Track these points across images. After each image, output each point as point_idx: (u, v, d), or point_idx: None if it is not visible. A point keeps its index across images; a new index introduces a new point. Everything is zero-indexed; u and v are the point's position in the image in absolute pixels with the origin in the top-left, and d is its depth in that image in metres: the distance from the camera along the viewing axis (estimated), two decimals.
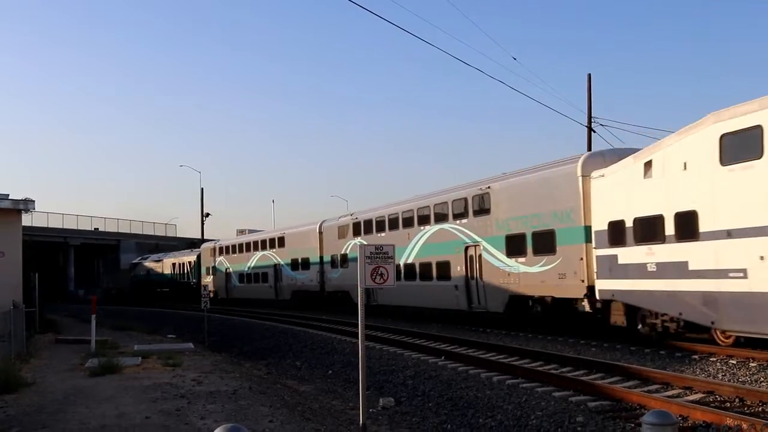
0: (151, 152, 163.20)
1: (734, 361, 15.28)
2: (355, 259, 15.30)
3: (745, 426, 9.21)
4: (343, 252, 37.90)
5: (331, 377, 18.45)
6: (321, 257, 40.74)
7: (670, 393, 12.51)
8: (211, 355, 21.83)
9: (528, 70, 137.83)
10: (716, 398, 11.89)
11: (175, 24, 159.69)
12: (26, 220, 24.88)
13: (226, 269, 55.49)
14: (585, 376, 14.27)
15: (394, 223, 32.23)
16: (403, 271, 30.23)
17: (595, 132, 34.52)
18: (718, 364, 15.24)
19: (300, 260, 43.57)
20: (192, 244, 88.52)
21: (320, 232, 40.91)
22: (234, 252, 54.31)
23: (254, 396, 13.29)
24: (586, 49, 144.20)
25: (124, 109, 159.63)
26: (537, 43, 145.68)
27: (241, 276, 53.02)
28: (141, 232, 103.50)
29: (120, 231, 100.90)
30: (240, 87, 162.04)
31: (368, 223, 34.98)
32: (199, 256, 61.02)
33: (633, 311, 19.12)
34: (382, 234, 32.90)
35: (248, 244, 51.78)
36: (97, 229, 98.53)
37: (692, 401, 11.56)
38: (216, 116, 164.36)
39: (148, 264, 75.48)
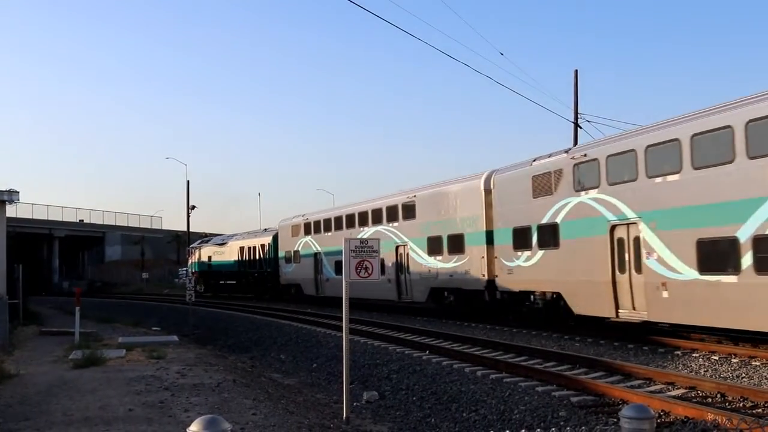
0: (137, 144, 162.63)
1: (716, 357, 15.40)
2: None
3: (724, 421, 9.29)
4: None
5: (316, 371, 18.47)
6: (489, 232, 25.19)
7: (652, 388, 12.58)
8: (195, 348, 21.79)
9: (516, 66, 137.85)
10: (698, 394, 11.97)
11: (165, 12, 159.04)
12: (10, 211, 24.64)
13: (315, 255, 39.71)
14: (568, 371, 14.34)
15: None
16: None
17: (581, 128, 34.62)
18: (700, 359, 15.35)
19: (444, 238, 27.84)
20: (178, 236, 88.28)
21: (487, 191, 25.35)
22: (328, 230, 38.27)
23: (238, 389, 13.29)
24: (574, 47, 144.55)
25: (110, 100, 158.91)
26: (524, 39, 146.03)
27: (340, 264, 35.31)
28: (126, 224, 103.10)
29: (105, 223, 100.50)
30: (231, 81, 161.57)
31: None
32: (275, 237, 46.43)
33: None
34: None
35: (350, 218, 35.78)
36: (82, 220, 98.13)
37: (674, 396, 11.64)
38: (204, 109, 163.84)
39: (208, 249, 61.24)
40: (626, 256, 18.47)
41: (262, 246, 49.43)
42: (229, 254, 56.06)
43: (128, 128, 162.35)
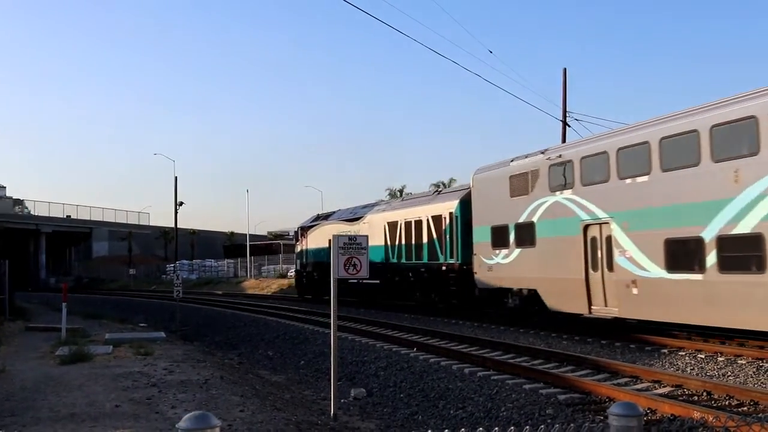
0: (127, 141, 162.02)
1: (703, 356, 15.48)
2: None
3: (710, 419, 9.34)
4: None
5: (304, 367, 18.45)
6: None
7: (639, 386, 12.63)
8: (182, 345, 21.72)
9: (504, 64, 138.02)
10: (684, 392, 12.03)
11: (155, 19, 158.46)
12: None
13: (585, 226, 19.55)
14: (555, 369, 14.38)
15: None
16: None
17: (569, 126, 34.70)
18: (687, 358, 15.43)
19: None
20: (165, 232, 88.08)
21: None
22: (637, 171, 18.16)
23: (225, 385, 13.25)
24: (563, 44, 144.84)
25: (103, 95, 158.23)
26: (513, 36, 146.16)
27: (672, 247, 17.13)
28: (114, 220, 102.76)
29: (92, 219, 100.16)
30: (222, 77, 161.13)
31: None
32: (464, 204, 26.38)
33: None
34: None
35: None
36: (69, 216, 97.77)
37: (660, 394, 11.69)
38: (193, 107, 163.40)
39: (327, 230, 37.66)
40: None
41: (436, 220, 28.25)
42: (369, 237, 29.54)
43: (117, 124, 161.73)
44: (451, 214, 27.18)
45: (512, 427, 10.63)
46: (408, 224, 30.47)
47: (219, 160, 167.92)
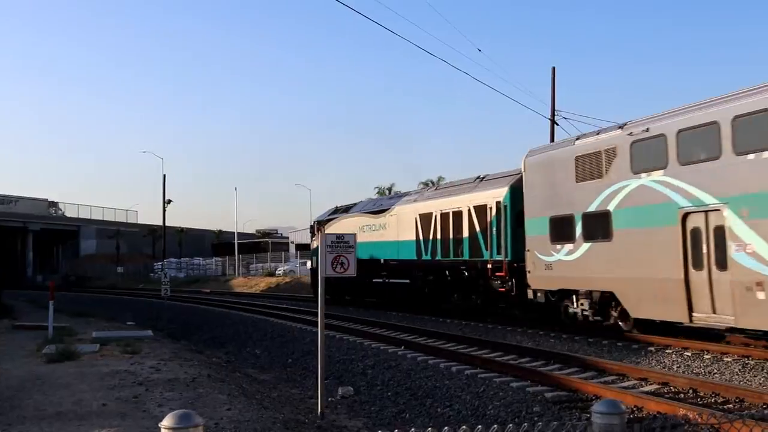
0: (114, 138, 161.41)
1: (689, 353, 15.53)
2: None
3: (695, 416, 9.38)
4: None
5: (291, 366, 18.43)
6: None
7: (625, 384, 12.69)
8: (170, 343, 21.67)
9: (494, 63, 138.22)
10: (670, 389, 12.10)
11: (142, 16, 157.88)
12: None
13: (706, 211, 15.83)
14: (543, 367, 14.42)
15: None
16: None
17: (558, 125, 34.80)
18: (673, 356, 15.49)
19: None
20: (153, 230, 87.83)
21: None
22: None
23: (213, 384, 13.24)
24: (552, 42, 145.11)
25: (87, 93, 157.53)
26: (503, 35, 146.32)
27: None
28: (102, 218, 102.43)
29: (80, 216, 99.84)
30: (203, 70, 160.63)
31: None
32: (514, 192, 23.21)
33: None
34: None
35: None
36: (57, 209, 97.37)
37: (647, 392, 11.75)
38: (181, 104, 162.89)
39: (349, 223, 34.34)
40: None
41: (480, 210, 24.69)
42: (394, 230, 30.79)
43: (105, 121, 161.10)
44: (498, 203, 23.67)
45: (495, 425, 10.70)
46: (445, 216, 26.89)
47: (208, 159, 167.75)
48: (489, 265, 23.76)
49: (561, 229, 19.95)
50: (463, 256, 25.54)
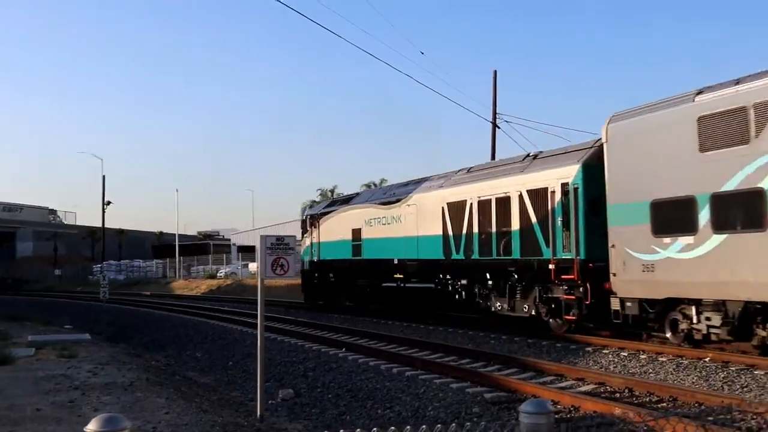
0: (53, 138, 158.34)
1: (625, 353, 15.80)
2: None
3: (631, 415, 9.57)
4: None
5: (232, 369, 18.27)
6: None
7: (563, 384, 12.86)
8: (108, 347, 21.34)
9: (436, 66, 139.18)
10: (607, 389, 12.29)
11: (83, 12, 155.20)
12: None
13: None
14: (482, 368, 14.55)
15: None
16: None
17: (499, 128, 35.15)
18: (610, 356, 15.75)
19: None
20: (93, 232, 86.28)
21: None
22: None
23: (151, 388, 13.07)
24: (494, 47, 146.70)
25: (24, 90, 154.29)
26: (444, 39, 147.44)
27: None
28: (39, 219, 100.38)
29: (16, 219, 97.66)
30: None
31: None
32: (588, 170, 17.92)
33: None
34: None
35: None
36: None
37: (584, 392, 11.94)
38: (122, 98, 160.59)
39: (352, 215, 29.61)
40: None
41: (537, 196, 19.55)
42: (412, 223, 25.25)
43: (42, 120, 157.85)
44: (565, 185, 18.42)
45: (439, 425, 10.77)
46: (484, 204, 21.44)
47: (149, 160, 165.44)
48: (552, 266, 18.69)
49: (671, 217, 15.23)
50: (512, 255, 20.37)
